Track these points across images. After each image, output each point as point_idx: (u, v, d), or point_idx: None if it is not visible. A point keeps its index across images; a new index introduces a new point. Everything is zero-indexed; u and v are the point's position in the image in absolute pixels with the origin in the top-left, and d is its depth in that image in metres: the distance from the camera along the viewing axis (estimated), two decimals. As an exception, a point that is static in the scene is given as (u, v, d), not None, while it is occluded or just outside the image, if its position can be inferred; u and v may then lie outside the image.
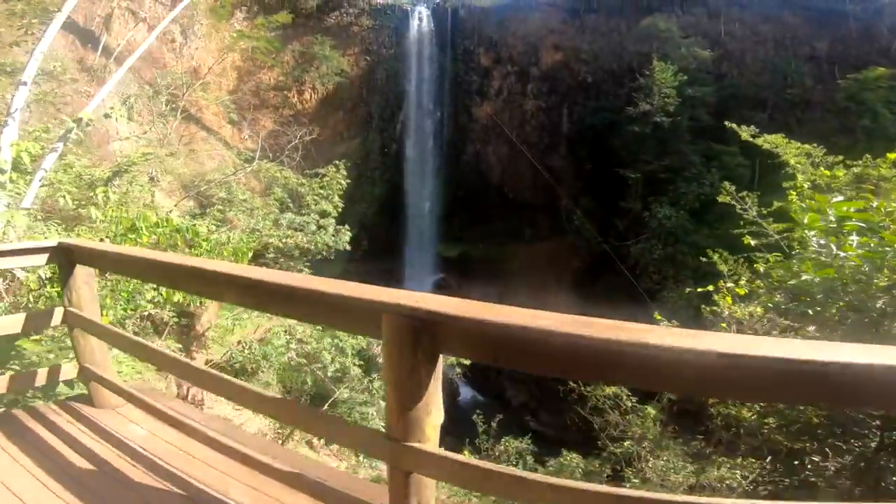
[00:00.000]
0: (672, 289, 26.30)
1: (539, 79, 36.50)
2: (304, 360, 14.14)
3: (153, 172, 14.60)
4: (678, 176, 28.31)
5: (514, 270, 35.91)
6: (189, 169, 22.82)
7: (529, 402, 30.53)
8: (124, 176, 12.08)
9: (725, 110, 29.75)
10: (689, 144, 28.94)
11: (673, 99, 27.88)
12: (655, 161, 28.51)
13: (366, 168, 36.23)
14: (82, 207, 8.44)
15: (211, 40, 30.11)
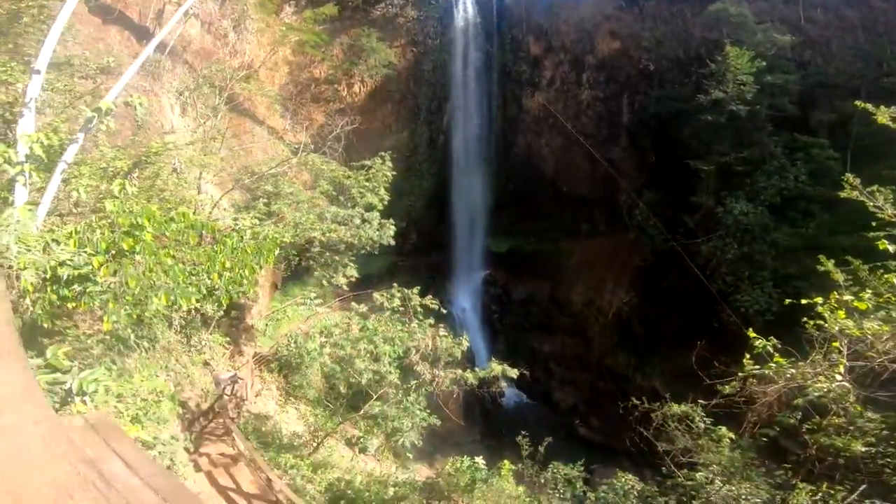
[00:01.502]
0: (747, 291, 23.99)
1: (595, 67, 34.70)
2: (337, 368, 13.60)
3: (176, 164, 14.50)
4: (757, 169, 25.69)
5: (568, 267, 34.72)
6: (240, 162, 23.09)
7: (579, 405, 29.06)
8: (148, 168, 11.81)
9: (812, 99, 27.85)
10: (770, 135, 26.30)
11: (750, 86, 25.37)
12: (731, 153, 26.01)
13: (414, 161, 35.83)
14: (103, 200, 8.06)
15: (262, 35, 30.34)
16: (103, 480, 3.87)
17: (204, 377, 13.65)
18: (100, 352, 8.90)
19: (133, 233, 6.59)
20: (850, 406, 7.09)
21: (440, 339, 13.59)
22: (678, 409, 10.03)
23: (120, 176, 9.58)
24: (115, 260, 6.83)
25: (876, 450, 6.66)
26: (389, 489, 10.58)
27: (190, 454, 10.40)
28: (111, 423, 5.41)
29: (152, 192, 11.67)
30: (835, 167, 24.34)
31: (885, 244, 7.40)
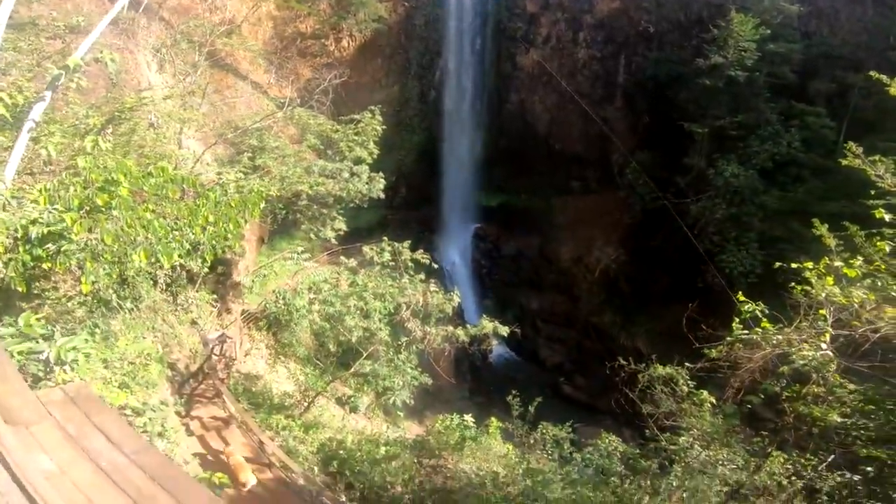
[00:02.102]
0: (733, 252, 24.53)
1: (593, 27, 33.77)
2: (327, 325, 13.51)
3: (153, 119, 13.87)
4: (751, 134, 26.06)
5: (559, 223, 34.89)
6: (223, 117, 22.40)
7: (565, 363, 29.79)
8: (123, 124, 11.23)
9: (813, 69, 27.72)
10: (767, 102, 26.55)
11: (751, 53, 25.34)
12: (726, 117, 26.36)
13: (404, 115, 35.22)
14: (75, 158, 7.64)
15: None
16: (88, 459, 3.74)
17: (192, 337, 13.54)
18: (82, 314, 8.71)
19: (108, 188, 6.27)
20: (830, 375, 7.13)
21: (431, 294, 13.46)
22: (663, 372, 10.15)
23: (93, 133, 9.06)
24: (90, 216, 6.52)
25: (851, 421, 6.76)
26: (381, 448, 10.80)
27: (181, 418, 10.42)
28: (92, 395, 5.25)
29: (129, 147, 11.15)
30: (829, 136, 24.85)
31: (881, 213, 7.30)
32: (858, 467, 6.67)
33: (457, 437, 11.03)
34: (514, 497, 8.40)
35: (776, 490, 7.37)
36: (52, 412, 4.21)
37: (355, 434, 12.86)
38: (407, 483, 9.87)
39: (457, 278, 32.89)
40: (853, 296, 7.02)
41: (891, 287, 6.96)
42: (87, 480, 3.01)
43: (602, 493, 8.36)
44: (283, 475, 9.66)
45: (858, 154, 7.89)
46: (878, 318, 6.98)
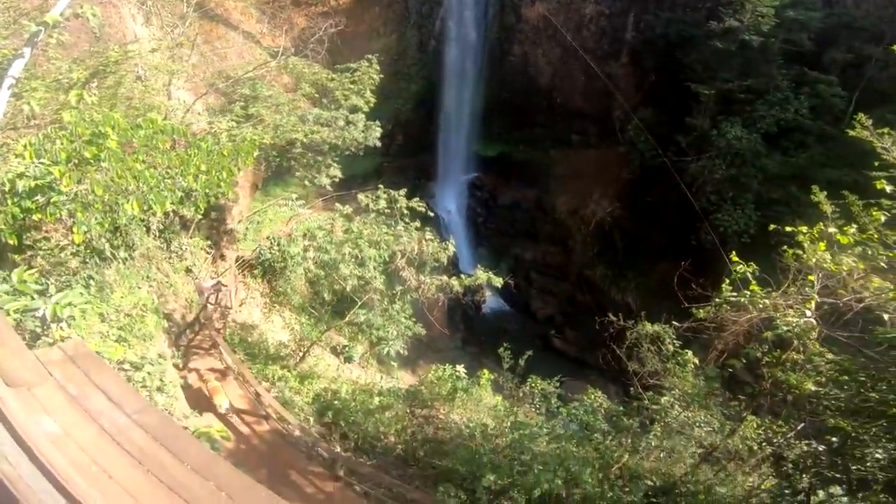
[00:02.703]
0: (728, 211, 24.66)
1: None
2: (321, 273, 13.53)
3: (140, 72, 13.25)
4: (759, 98, 25.63)
5: (557, 176, 34.63)
6: (213, 67, 21.62)
7: (556, 316, 30.38)
8: (109, 77, 10.76)
9: (831, 38, 26.96)
10: (780, 68, 26.00)
11: (769, 19, 24.59)
12: (735, 80, 25.85)
13: (402, 65, 34.29)
14: (60, 112, 7.40)
15: None
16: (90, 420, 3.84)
17: (187, 286, 13.62)
18: (76, 265, 8.69)
19: (96, 141, 6.11)
20: (810, 343, 7.27)
21: (426, 243, 13.38)
22: (651, 329, 10.35)
23: (77, 87, 8.68)
24: (78, 168, 6.41)
25: (824, 391, 6.96)
26: (374, 399, 11.16)
27: (179, 370, 10.64)
28: (90, 353, 5.33)
29: (115, 100, 10.75)
30: (839, 105, 24.55)
31: (883, 184, 7.23)
32: (825, 437, 6.94)
33: (449, 387, 11.38)
34: (502, 449, 8.81)
35: (746, 455, 7.73)
36: (52, 372, 4.26)
37: (350, 384, 13.23)
38: (399, 433, 10.29)
39: (452, 227, 32.98)
40: (843, 263, 7.09)
41: (880, 256, 7.01)
42: (91, 442, 3.10)
43: (585, 449, 8.77)
44: (279, 427, 10.03)
45: (867, 125, 7.73)
46: (863, 287, 7.08)
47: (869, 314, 6.88)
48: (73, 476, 2.77)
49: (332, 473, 9.28)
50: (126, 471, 2.94)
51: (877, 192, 7.46)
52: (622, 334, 10.77)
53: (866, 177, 8.43)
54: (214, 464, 4.28)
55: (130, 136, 6.54)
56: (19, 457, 2.97)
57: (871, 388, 6.29)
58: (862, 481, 6.24)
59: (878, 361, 6.42)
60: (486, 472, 7.76)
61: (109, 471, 3.07)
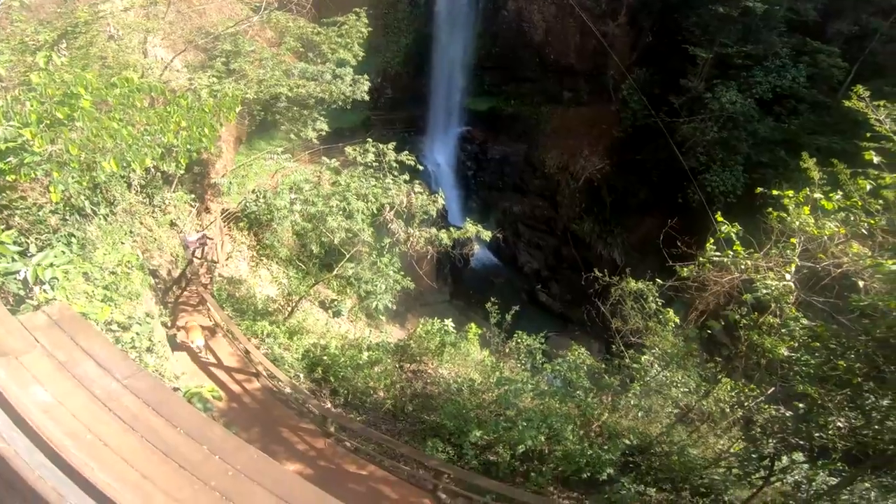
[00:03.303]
0: (717, 172, 24.73)
1: None
2: (308, 226, 13.40)
3: (112, 30, 12.44)
4: (757, 65, 25.34)
5: (547, 132, 34.33)
6: (192, 24, 20.38)
7: (542, 270, 30.79)
8: (79, 38, 10.14)
9: (838, 10, 26.35)
10: (781, 36, 25.56)
11: None
12: (734, 46, 25.42)
13: (393, 18, 33.10)
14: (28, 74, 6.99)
15: None
16: (81, 387, 3.88)
17: (172, 240, 13.40)
18: (56, 222, 8.48)
19: (68, 101, 5.82)
20: (787, 307, 7.42)
21: (415, 195, 13.27)
22: (634, 286, 10.54)
23: (45, 48, 8.16)
24: (51, 129, 6.15)
25: (796, 356, 7.19)
26: (363, 354, 11.29)
27: (167, 329, 10.59)
28: (76, 317, 5.30)
29: (88, 60, 10.16)
30: (836, 75, 24.37)
31: (871, 154, 7.25)
32: (793, 403, 7.22)
33: (437, 342, 11.59)
34: (489, 404, 9.11)
35: (719, 417, 8.07)
36: (39, 339, 4.24)
37: (339, 339, 13.37)
38: (389, 388, 10.53)
39: (441, 180, 32.83)
40: (825, 227, 7.20)
41: (862, 223, 7.12)
42: (83, 409, 3.12)
43: (567, 406, 9.10)
44: (270, 384, 10.17)
45: (864, 97, 7.65)
46: (843, 252, 7.23)
47: (846, 280, 7.06)
48: (69, 446, 2.81)
49: (322, 430, 9.48)
50: (120, 437, 2.98)
51: (865, 162, 7.49)
52: (607, 290, 10.95)
53: (855, 146, 8.43)
54: (207, 427, 4.37)
55: (105, 95, 6.24)
56: (13, 431, 2.98)
57: (839, 356, 6.52)
58: (823, 448, 6.56)
59: (850, 329, 6.65)
60: (473, 427, 8.05)
61: (104, 438, 3.12)
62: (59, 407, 3.31)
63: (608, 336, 11.10)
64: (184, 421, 3.83)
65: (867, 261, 6.86)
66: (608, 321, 10.80)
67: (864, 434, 6.22)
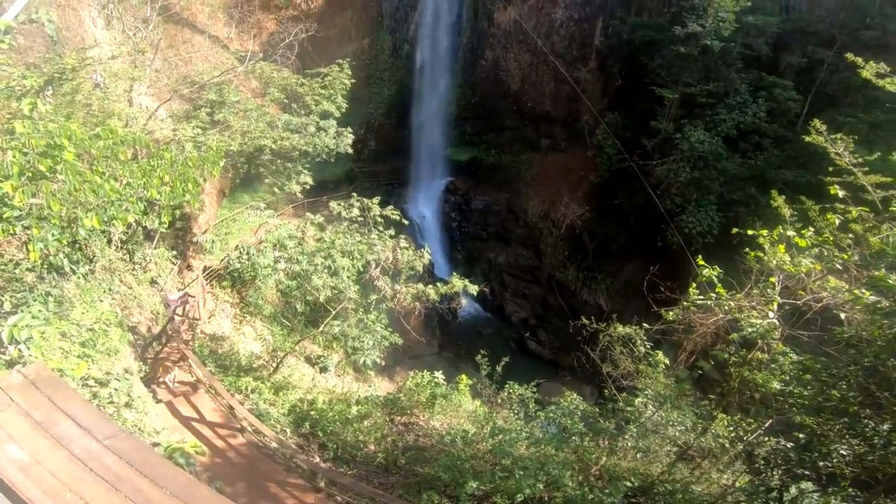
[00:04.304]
0: (692, 213, 25.39)
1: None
2: (293, 284, 13.29)
3: (97, 78, 12.74)
4: (720, 102, 26.61)
5: (527, 179, 35.25)
6: (178, 72, 20.87)
7: (530, 319, 30.80)
8: (65, 84, 10.33)
9: (786, 43, 28.09)
10: (739, 72, 27.05)
11: (730, 24, 25.47)
12: (698, 85, 26.78)
13: (375, 69, 34.14)
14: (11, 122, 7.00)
15: None
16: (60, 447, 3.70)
17: (152, 297, 13.14)
18: (33, 280, 8.29)
19: (51, 153, 5.78)
20: (774, 343, 7.49)
21: (401, 251, 13.29)
22: (622, 331, 10.57)
23: (30, 95, 8.26)
24: (32, 182, 6.07)
25: (788, 389, 7.23)
26: (352, 408, 10.99)
27: (147, 384, 10.23)
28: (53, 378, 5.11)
29: (73, 108, 10.29)
30: (793, 108, 25.63)
31: (836, 189, 7.53)
32: (793, 434, 7.19)
33: (428, 394, 11.34)
34: (484, 455, 8.84)
35: (719, 452, 7.97)
36: (14, 398, 4.09)
37: (326, 393, 13.00)
38: (379, 441, 10.17)
39: (427, 231, 33.10)
40: (801, 265, 7.40)
41: (836, 259, 7.36)
42: (62, 468, 2.98)
43: (564, 452, 8.88)
44: (255, 439, 9.77)
45: (822, 131, 8.11)
46: (821, 288, 7.41)
47: (827, 313, 7.21)
48: (47, 503, 2.66)
49: (312, 485, 9.10)
50: (102, 497, 2.84)
51: (831, 196, 7.84)
52: (595, 336, 10.97)
53: (819, 178, 8.85)
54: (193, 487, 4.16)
55: (88, 146, 6.22)
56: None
57: (832, 387, 6.56)
58: (831, 476, 6.48)
59: (838, 360, 6.74)
60: (469, 478, 7.77)
61: (85, 498, 2.97)
62: (36, 465, 3.16)
63: (600, 380, 11.01)
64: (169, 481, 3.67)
65: (846, 295, 7.03)
66: (598, 366, 10.76)
67: (869, 460, 6.18)
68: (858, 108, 23.07)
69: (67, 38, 14.60)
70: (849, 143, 7.97)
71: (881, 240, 7.06)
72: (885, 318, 6.32)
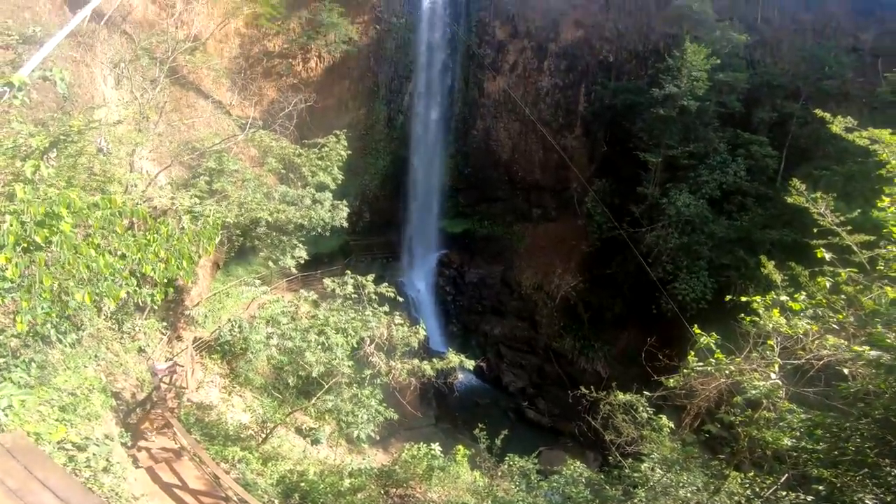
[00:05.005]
0: (685, 280, 25.46)
1: (557, 55, 35.19)
2: (285, 359, 13.11)
3: (101, 143, 13.17)
4: (701, 163, 27.27)
5: (520, 251, 35.67)
6: (181, 137, 21.49)
7: (527, 388, 29.98)
8: (70, 147, 10.64)
9: (756, 98, 29.48)
10: (716, 131, 27.99)
11: (703, 82, 26.69)
12: (678, 146, 27.53)
13: (370, 139, 35.08)
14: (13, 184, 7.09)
15: (214, 5, 27.93)
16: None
17: (139, 365, 12.75)
18: (17, 345, 8.06)
19: (48, 222, 5.74)
20: (780, 402, 7.36)
21: (396, 328, 13.35)
22: (623, 398, 10.34)
23: (35, 156, 8.46)
24: (27, 254, 5.95)
25: (801, 444, 7.01)
26: (345, 480, 10.38)
27: (128, 449, 9.72)
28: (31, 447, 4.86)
29: (75, 172, 10.51)
30: (771, 164, 26.40)
31: (822, 252, 7.58)
32: (812, 486, 6.91)
33: (424, 466, 10.81)
34: (483, 529, 8.23)
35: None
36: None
37: (317, 465, 12.36)
38: (373, 516, 9.50)
39: (421, 305, 32.82)
40: (798, 327, 7.41)
41: (831, 320, 7.39)
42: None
43: (569, 523, 8.32)
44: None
45: (802, 191, 8.39)
46: (821, 346, 7.37)
47: (830, 370, 7.14)
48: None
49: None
50: None
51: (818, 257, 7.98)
52: (596, 403, 10.70)
53: (804, 235, 9.04)
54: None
55: (86, 216, 6.07)
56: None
57: (846, 440, 6.38)
58: None
59: (849, 414, 6.58)
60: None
61: None
62: (7, 534, 2.91)
63: (603, 447, 10.58)
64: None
65: (846, 352, 7.00)
66: (601, 433, 10.40)
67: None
68: (832, 160, 23.62)
69: (77, 95, 15.20)
70: (829, 202, 8.20)
71: (873, 300, 7.14)
72: (889, 372, 6.26)
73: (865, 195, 16.10)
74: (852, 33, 30.82)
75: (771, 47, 31.90)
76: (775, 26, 32.15)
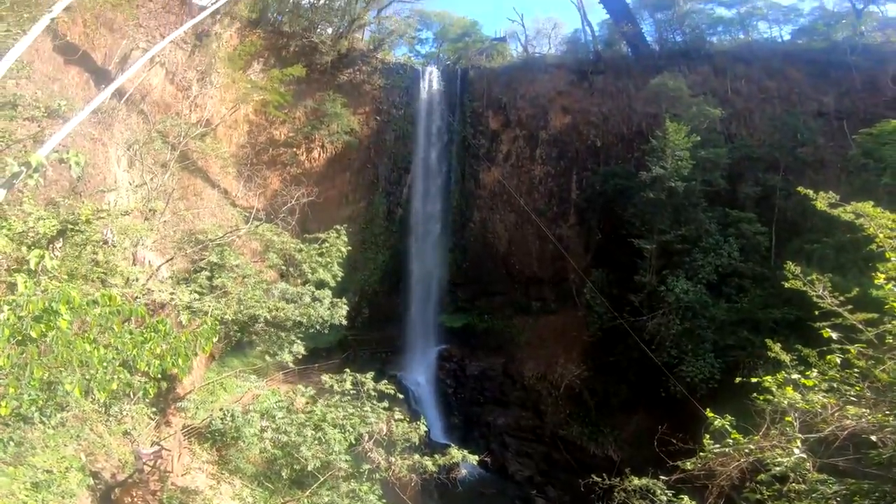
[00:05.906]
0: (691, 363, 24.68)
1: (548, 143, 36.31)
2: (279, 453, 12.55)
3: (108, 234, 13.33)
4: (695, 246, 27.03)
5: (521, 343, 35.01)
6: (186, 226, 21.76)
7: (535, 476, 28.05)
8: (76, 236, 10.75)
9: (739, 173, 29.91)
10: (705, 211, 27.97)
11: (686, 161, 27.10)
12: (670, 231, 27.43)
13: (370, 233, 35.47)
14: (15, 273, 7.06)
15: (227, 91, 29.58)
16: None
17: (122, 447, 12.01)
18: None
19: (45, 318, 5.50)
20: (808, 473, 7.06)
21: (396, 423, 13.22)
22: (638, 483, 9.74)
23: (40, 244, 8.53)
24: (20, 346, 5.80)
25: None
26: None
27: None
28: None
29: (79, 262, 10.53)
30: (763, 241, 26.37)
31: (828, 332, 7.65)
32: None
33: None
34: None
35: None
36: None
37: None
38: None
39: (422, 398, 31.71)
40: (815, 401, 7.23)
41: (848, 392, 7.23)
42: None
43: None
44: None
45: (798, 275, 8.51)
46: (842, 417, 7.11)
47: (857, 438, 6.84)
48: None
49: None
50: None
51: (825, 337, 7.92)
52: (610, 490, 10.05)
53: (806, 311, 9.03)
54: None
55: (85, 313, 6.00)
56: None
57: (892, 503, 5.99)
58: None
59: (885, 479, 6.19)
60: None
61: None
62: None
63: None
64: None
65: (870, 419, 6.78)
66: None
67: None
68: (820, 233, 23.20)
69: (91, 175, 15.52)
70: (826, 283, 8.27)
71: (886, 372, 7.02)
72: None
73: (859, 265, 16.08)
74: (815, 97, 31.78)
75: (744, 118, 32.76)
76: (745, 96, 33.30)
